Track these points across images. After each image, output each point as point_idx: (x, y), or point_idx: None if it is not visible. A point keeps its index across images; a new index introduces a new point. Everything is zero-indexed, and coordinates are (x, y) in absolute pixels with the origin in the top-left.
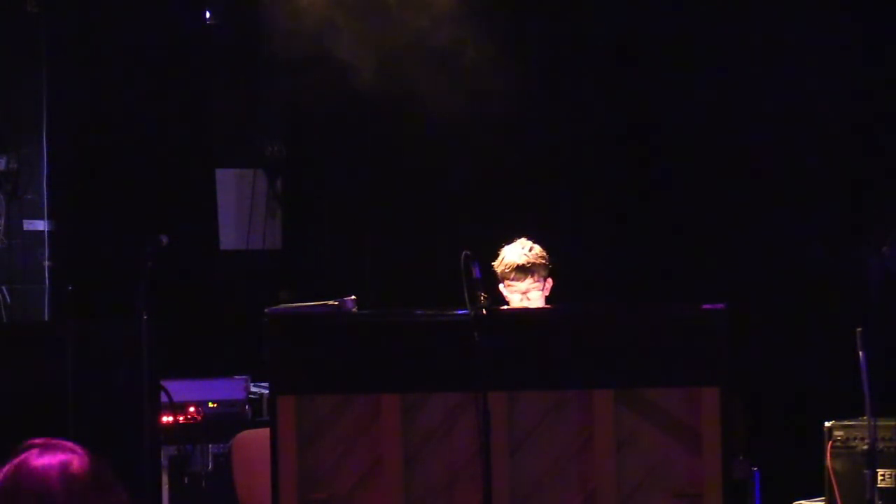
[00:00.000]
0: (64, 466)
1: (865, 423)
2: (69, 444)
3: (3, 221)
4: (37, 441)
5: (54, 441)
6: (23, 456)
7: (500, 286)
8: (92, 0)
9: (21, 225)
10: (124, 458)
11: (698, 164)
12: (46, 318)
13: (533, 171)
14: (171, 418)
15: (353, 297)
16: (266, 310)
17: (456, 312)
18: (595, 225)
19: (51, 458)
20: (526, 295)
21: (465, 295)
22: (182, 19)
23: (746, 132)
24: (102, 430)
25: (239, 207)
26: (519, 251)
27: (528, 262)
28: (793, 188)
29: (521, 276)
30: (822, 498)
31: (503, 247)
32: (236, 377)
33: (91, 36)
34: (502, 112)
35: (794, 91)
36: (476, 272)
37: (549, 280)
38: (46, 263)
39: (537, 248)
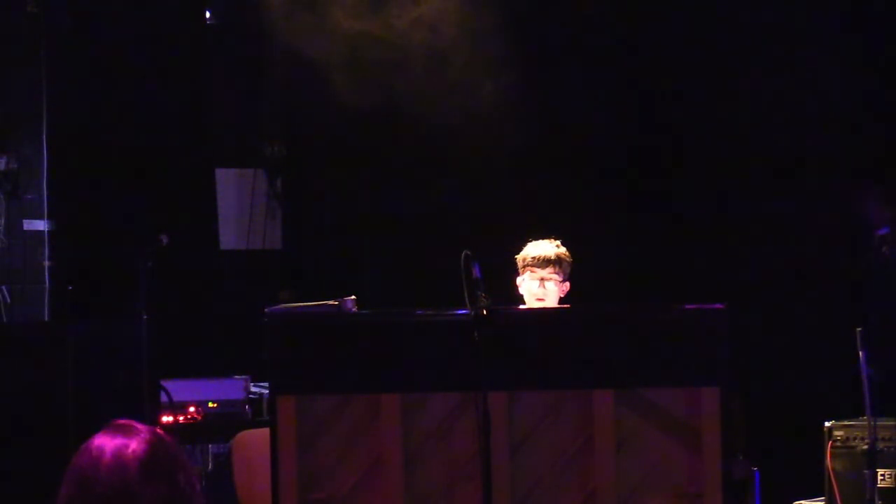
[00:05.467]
0: (117, 449)
1: (865, 423)
2: (141, 427)
3: (3, 221)
4: (120, 421)
5: (129, 423)
6: (98, 433)
7: (518, 278)
8: (92, 0)
9: (21, 225)
10: None
11: (699, 164)
12: (46, 318)
13: (533, 171)
14: (171, 418)
15: (353, 297)
16: (266, 310)
17: (456, 312)
18: (594, 225)
19: (110, 440)
20: (543, 283)
21: (465, 295)
22: (182, 19)
23: (747, 131)
24: None
25: (239, 207)
26: (547, 244)
27: (555, 255)
28: (793, 188)
29: (544, 265)
30: (822, 498)
31: (530, 241)
32: (236, 377)
33: (91, 36)
34: (503, 112)
35: (794, 90)
36: (476, 272)
37: (568, 283)
38: (46, 263)
39: (564, 249)
